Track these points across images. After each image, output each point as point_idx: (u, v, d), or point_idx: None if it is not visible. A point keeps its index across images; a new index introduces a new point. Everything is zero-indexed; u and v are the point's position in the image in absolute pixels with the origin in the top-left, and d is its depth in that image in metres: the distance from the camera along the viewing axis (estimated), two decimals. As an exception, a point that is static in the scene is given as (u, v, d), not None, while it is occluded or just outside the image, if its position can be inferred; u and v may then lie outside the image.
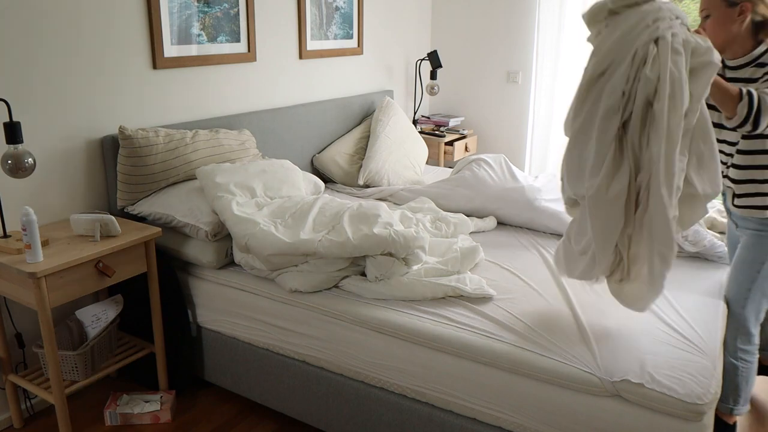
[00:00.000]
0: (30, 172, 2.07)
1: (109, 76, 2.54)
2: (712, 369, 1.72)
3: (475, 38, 4.55)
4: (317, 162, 3.57)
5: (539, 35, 4.26)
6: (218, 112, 3.06)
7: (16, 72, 2.24)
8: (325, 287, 2.23)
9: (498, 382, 1.85)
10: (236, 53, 3.08)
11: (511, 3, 4.34)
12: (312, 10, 3.52)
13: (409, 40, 4.49)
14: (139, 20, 2.61)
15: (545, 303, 2.12)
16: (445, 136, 4.31)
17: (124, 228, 2.37)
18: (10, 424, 2.41)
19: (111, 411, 2.40)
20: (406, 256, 2.27)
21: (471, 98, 4.69)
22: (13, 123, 2.02)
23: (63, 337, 2.35)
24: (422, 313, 2.05)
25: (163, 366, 2.51)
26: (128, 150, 2.48)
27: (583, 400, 1.73)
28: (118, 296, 2.47)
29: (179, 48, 2.79)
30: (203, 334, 2.51)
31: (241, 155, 2.83)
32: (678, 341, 1.86)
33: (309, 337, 2.20)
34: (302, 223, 2.33)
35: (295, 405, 2.31)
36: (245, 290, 2.35)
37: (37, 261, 2.02)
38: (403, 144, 3.68)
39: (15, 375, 2.31)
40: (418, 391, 2.00)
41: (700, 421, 1.61)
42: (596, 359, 1.76)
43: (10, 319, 2.37)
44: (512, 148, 4.59)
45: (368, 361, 2.08)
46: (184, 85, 2.86)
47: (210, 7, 2.90)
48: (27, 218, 1.98)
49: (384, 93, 4.16)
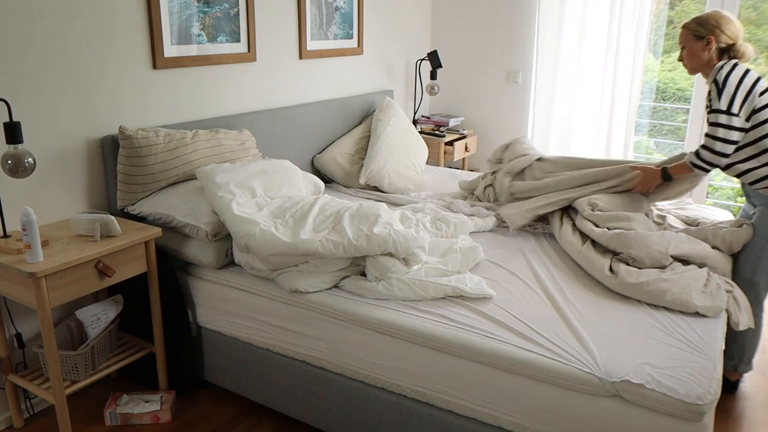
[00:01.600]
0: (30, 172, 2.07)
1: (109, 76, 2.54)
2: (712, 369, 1.72)
3: (475, 38, 4.55)
4: (317, 162, 3.57)
5: (539, 35, 4.26)
6: (218, 112, 3.06)
7: (16, 72, 2.24)
8: (325, 287, 2.23)
9: (498, 382, 1.85)
10: (236, 53, 3.08)
11: (511, 3, 4.34)
12: (312, 10, 3.52)
13: (409, 40, 4.49)
14: (139, 20, 2.61)
15: (545, 303, 2.12)
16: (445, 136, 4.31)
17: (124, 228, 2.37)
18: (10, 424, 2.41)
19: (111, 411, 2.40)
20: (406, 256, 2.27)
21: (471, 98, 4.69)
22: (13, 123, 2.02)
23: (63, 337, 2.35)
24: (422, 313, 2.05)
25: (163, 366, 2.51)
26: (128, 150, 2.48)
27: (583, 400, 1.73)
28: (118, 296, 2.47)
29: (179, 48, 2.79)
30: (203, 334, 2.51)
31: (241, 155, 2.83)
32: (678, 342, 1.86)
33: (309, 337, 2.20)
34: (302, 223, 2.33)
35: (295, 405, 2.31)
36: (245, 290, 2.35)
37: (37, 261, 2.02)
38: (403, 144, 3.68)
39: (15, 375, 2.31)
40: (418, 391, 2.00)
41: (700, 421, 1.61)
42: (596, 359, 1.76)
43: (10, 319, 2.37)
44: (512, 148, 4.59)
45: (368, 361, 2.08)
46: (184, 85, 2.86)
47: (210, 7, 2.90)
48: (27, 218, 1.98)
49: (384, 93, 4.16)
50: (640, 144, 4.59)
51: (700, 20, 2.38)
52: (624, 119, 4.11)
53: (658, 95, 4.61)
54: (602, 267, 2.25)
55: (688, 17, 2.53)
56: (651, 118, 4.55)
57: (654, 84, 4.55)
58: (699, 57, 2.39)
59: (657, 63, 4.50)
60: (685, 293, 2.04)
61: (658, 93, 4.60)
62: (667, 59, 4.54)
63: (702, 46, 2.37)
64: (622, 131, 4.14)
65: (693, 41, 2.39)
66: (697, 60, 2.40)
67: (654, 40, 4.30)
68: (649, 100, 4.50)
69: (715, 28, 2.34)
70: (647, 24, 3.90)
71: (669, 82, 4.60)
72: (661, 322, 1.97)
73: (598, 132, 4.21)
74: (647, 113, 4.52)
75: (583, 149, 4.30)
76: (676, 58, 4.52)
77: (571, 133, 4.31)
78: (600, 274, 2.24)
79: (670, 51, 4.51)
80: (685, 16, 4.33)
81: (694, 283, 2.09)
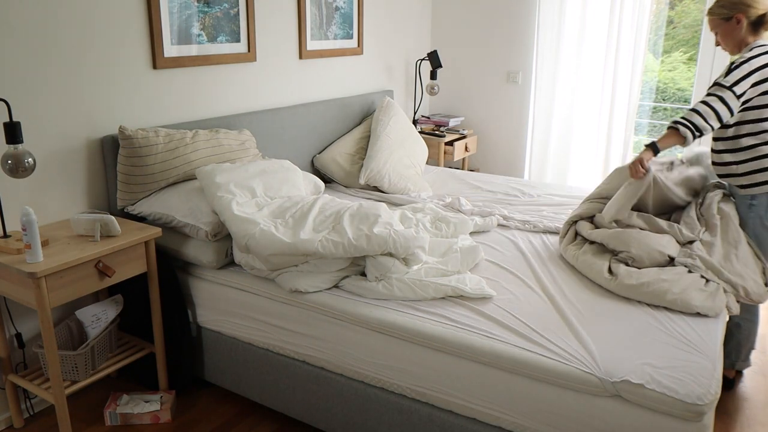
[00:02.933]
0: (30, 172, 2.07)
1: (109, 76, 2.54)
2: (712, 369, 1.72)
3: (475, 38, 4.55)
4: (317, 162, 3.57)
5: (539, 35, 4.26)
6: (218, 112, 3.06)
7: (16, 72, 2.24)
8: (325, 287, 2.23)
9: (498, 382, 1.85)
10: (236, 53, 3.08)
11: (511, 3, 4.34)
12: (312, 10, 3.52)
13: (409, 40, 4.49)
14: (139, 20, 2.61)
15: (545, 303, 2.12)
16: (445, 136, 4.31)
17: (124, 228, 2.37)
18: (10, 424, 2.41)
19: (111, 411, 2.40)
20: (406, 256, 2.27)
21: (471, 98, 4.69)
22: (13, 123, 2.02)
23: (63, 337, 2.35)
24: (422, 313, 2.05)
25: (163, 366, 2.51)
26: (128, 150, 2.48)
27: (583, 400, 1.73)
28: (118, 296, 2.47)
29: (179, 48, 2.79)
30: (203, 334, 2.51)
31: (241, 155, 2.83)
32: (678, 341, 1.86)
33: (309, 337, 2.20)
34: (302, 223, 2.33)
35: (295, 405, 2.31)
36: (245, 290, 2.35)
37: (37, 261, 2.02)
38: (403, 144, 3.68)
39: (15, 375, 2.31)
40: (418, 391, 2.00)
41: (700, 421, 1.61)
42: (596, 359, 1.76)
43: (10, 319, 2.37)
44: (512, 148, 4.59)
45: (368, 361, 2.08)
46: (184, 85, 2.86)
47: (210, 7, 2.90)
48: (27, 218, 1.98)
49: (384, 93, 4.16)
50: (640, 144, 4.59)
51: (721, 2, 2.31)
52: (624, 119, 4.11)
53: (658, 95, 4.61)
54: (601, 269, 2.24)
55: (689, 17, 2.52)
56: (651, 118, 4.55)
57: (654, 84, 4.55)
58: (734, 37, 2.31)
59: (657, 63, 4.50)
60: (686, 293, 2.04)
61: (658, 93, 4.61)
62: (667, 59, 4.54)
63: (733, 26, 2.29)
64: (621, 131, 4.15)
65: (722, 24, 2.32)
66: (733, 40, 2.32)
67: (654, 40, 4.30)
68: (649, 100, 4.50)
69: (738, 3, 2.27)
70: (647, 24, 3.90)
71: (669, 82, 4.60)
72: (661, 322, 1.97)
73: (598, 132, 4.22)
74: (647, 113, 4.53)
75: (583, 149, 4.30)
76: (675, 58, 4.53)
77: (571, 133, 4.31)
78: (599, 276, 2.23)
79: (670, 51, 4.51)
80: (685, 16, 4.33)
81: (694, 284, 2.09)
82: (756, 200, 2.35)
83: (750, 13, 2.26)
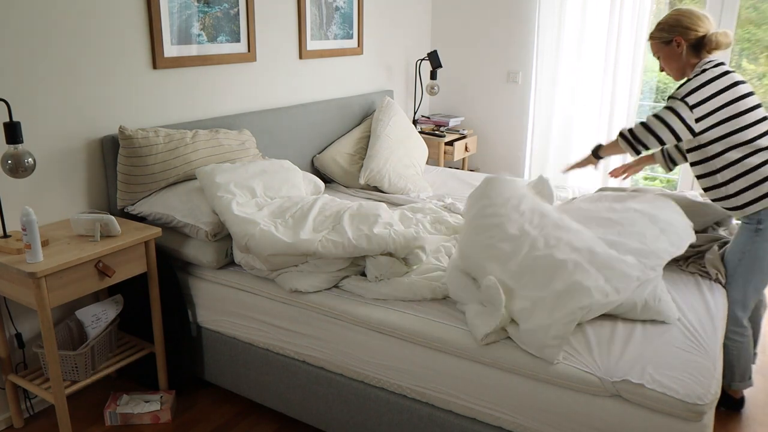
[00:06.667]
0: (30, 172, 2.07)
1: (109, 76, 2.54)
2: (713, 369, 1.72)
3: (475, 38, 4.55)
4: (317, 162, 3.57)
5: (539, 35, 4.26)
6: (218, 112, 3.06)
7: (16, 72, 2.24)
8: (325, 287, 2.23)
9: (498, 382, 1.85)
10: (236, 53, 3.08)
11: (511, 3, 4.34)
12: (312, 10, 3.52)
13: (409, 40, 4.49)
14: (139, 20, 2.61)
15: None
16: (445, 136, 4.31)
17: (124, 228, 2.37)
18: (10, 424, 2.41)
19: (111, 411, 2.40)
20: (406, 256, 2.27)
21: (471, 98, 4.69)
22: (13, 123, 2.02)
23: (63, 337, 2.35)
24: (422, 313, 2.05)
25: (163, 366, 2.51)
26: (128, 150, 2.48)
27: (583, 400, 1.73)
28: (118, 296, 2.47)
29: (179, 48, 2.79)
30: (203, 334, 2.51)
31: (241, 155, 2.83)
32: (678, 341, 1.86)
33: (309, 337, 2.20)
34: (302, 224, 2.33)
35: (295, 405, 2.31)
36: (245, 290, 2.35)
37: (37, 261, 2.02)
38: (403, 144, 3.68)
39: (15, 375, 2.31)
40: (418, 391, 2.00)
41: (700, 421, 1.61)
42: (596, 359, 1.76)
43: (10, 319, 2.37)
44: (512, 148, 4.59)
45: (368, 361, 2.08)
46: (184, 85, 2.86)
47: (210, 7, 2.90)
48: (27, 218, 1.98)
49: (384, 93, 4.16)
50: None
51: (660, 25, 2.30)
52: (624, 119, 4.11)
53: (658, 95, 4.61)
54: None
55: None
56: (651, 118, 4.54)
57: (654, 84, 4.55)
58: (676, 60, 2.30)
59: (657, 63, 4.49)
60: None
61: (658, 93, 4.61)
62: (667, 59, 4.53)
63: (673, 49, 2.28)
64: (622, 131, 4.14)
65: (663, 48, 2.31)
66: (676, 64, 2.31)
67: (654, 40, 4.29)
68: (649, 100, 4.50)
69: (677, 26, 2.25)
70: (647, 24, 3.90)
71: (669, 82, 4.60)
72: (661, 322, 1.97)
73: (598, 132, 4.21)
74: (647, 113, 4.52)
75: (583, 149, 4.29)
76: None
77: (571, 132, 4.31)
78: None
79: (670, 51, 4.50)
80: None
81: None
82: (763, 224, 2.18)
83: (689, 36, 2.23)
